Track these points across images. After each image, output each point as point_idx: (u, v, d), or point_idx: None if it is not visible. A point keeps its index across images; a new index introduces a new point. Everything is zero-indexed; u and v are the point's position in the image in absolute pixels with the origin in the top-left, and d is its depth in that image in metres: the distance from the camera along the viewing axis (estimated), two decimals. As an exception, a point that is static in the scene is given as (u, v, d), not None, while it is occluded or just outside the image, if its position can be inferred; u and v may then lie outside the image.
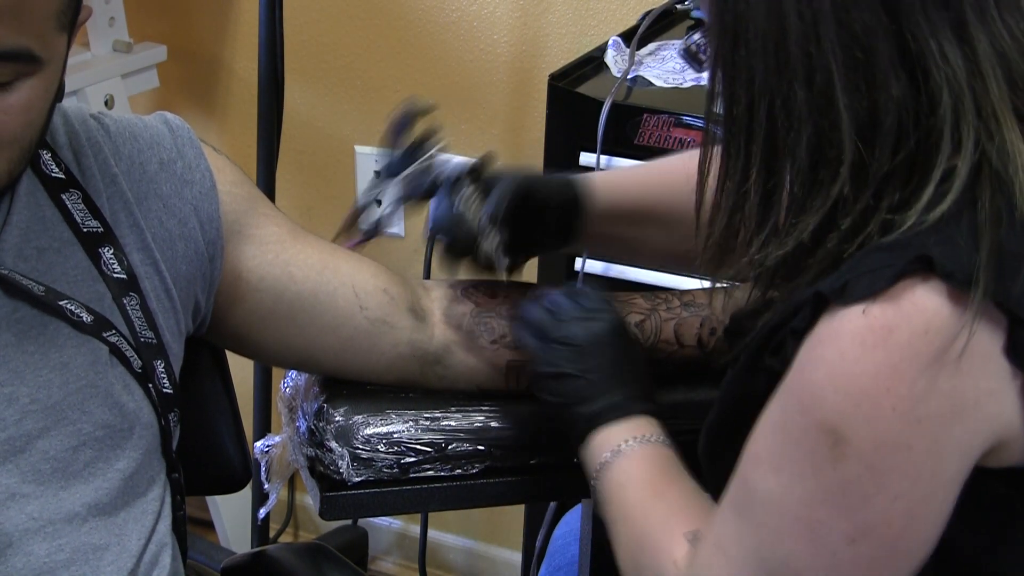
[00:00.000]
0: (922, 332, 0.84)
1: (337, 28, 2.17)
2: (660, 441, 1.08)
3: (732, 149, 0.95)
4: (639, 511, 1.04)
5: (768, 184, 0.93)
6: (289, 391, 1.26)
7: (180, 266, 1.10)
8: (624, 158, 1.59)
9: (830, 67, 0.88)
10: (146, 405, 1.07)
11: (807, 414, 0.87)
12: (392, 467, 1.17)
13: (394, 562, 2.51)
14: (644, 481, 1.05)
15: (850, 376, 0.85)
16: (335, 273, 1.18)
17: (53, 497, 1.01)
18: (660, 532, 1.01)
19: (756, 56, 0.91)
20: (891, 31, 0.88)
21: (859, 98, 0.88)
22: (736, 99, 0.93)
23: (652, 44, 1.77)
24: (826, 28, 0.88)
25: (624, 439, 1.08)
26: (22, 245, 1.02)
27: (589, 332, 1.12)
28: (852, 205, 0.89)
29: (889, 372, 0.84)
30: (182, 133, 1.13)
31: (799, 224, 0.92)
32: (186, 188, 1.11)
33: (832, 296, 0.87)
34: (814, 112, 0.89)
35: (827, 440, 0.86)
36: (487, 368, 1.22)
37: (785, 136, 0.91)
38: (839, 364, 0.85)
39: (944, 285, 0.84)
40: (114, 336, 1.04)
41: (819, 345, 0.87)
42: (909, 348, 0.84)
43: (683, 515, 1.01)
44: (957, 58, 0.88)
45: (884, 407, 0.84)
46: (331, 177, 2.28)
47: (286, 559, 1.33)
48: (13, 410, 1.00)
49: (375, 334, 1.19)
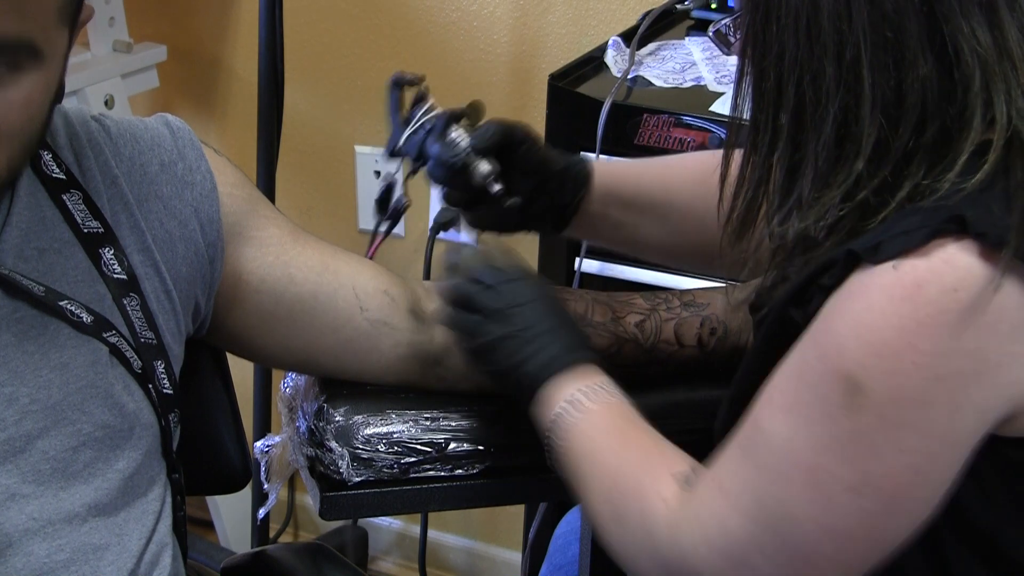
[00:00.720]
0: (951, 289, 0.85)
1: (337, 28, 2.17)
2: (611, 389, 1.07)
3: (760, 123, 0.96)
4: (611, 457, 1.03)
5: (794, 158, 0.95)
6: (289, 391, 1.26)
7: (180, 268, 1.10)
8: (624, 158, 1.59)
9: (860, 45, 0.90)
10: (146, 406, 1.07)
11: (826, 361, 0.88)
12: (392, 467, 1.17)
13: (394, 562, 2.51)
14: (609, 428, 1.05)
15: (874, 328, 0.86)
16: (335, 275, 1.18)
17: (53, 497, 1.01)
18: (641, 474, 1.01)
19: (787, 32, 0.92)
20: (922, 12, 0.89)
21: (886, 77, 0.90)
22: (766, 74, 0.94)
23: (652, 44, 1.77)
24: (858, 6, 0.90)
25: (576, 388, 1.07)
26: (23, 245, 1.02)
27: (512, 293, 1.11)
28: (869, 180, 0.91)
29: (914, 327, 0.85)
30: (183, 135, 1.13)
31: (822, 198, 0.93)
32: (187, 190, 1.11)
33: (865, 254, 0.88)
34: (842, 88, 0.91)
35: (844, 388, 0.87)
36: None
37: (813, 111, 0.92)
38: (865, 315, 0.86)
39: (976, 244, 0.85)
40: (114, 336, 1.04)
41: (847, 298, 0.88)
42: (937, 304, 0.85)
43: (662, 457, 1.01)
44: (988, 40, 0.90)
45: (905, 361, 0.85)
46: (331, 177, 2.28)
47: (286, 559, 1.33)
48: (13, 410, 1.00)
49: (375, 335, 1.19)
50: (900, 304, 0.85)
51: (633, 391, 1.09)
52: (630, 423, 1.05)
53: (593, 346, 1.14)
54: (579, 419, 1.05)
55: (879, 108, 0.90)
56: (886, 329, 0.85)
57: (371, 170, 2.22)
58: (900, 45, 0.90)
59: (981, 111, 0.90)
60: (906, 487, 0.88)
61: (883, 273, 0.86)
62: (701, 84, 1.66)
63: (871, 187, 0.91)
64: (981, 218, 0.85)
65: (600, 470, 1.03)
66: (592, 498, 1.04)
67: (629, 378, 1.11)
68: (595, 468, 1.04)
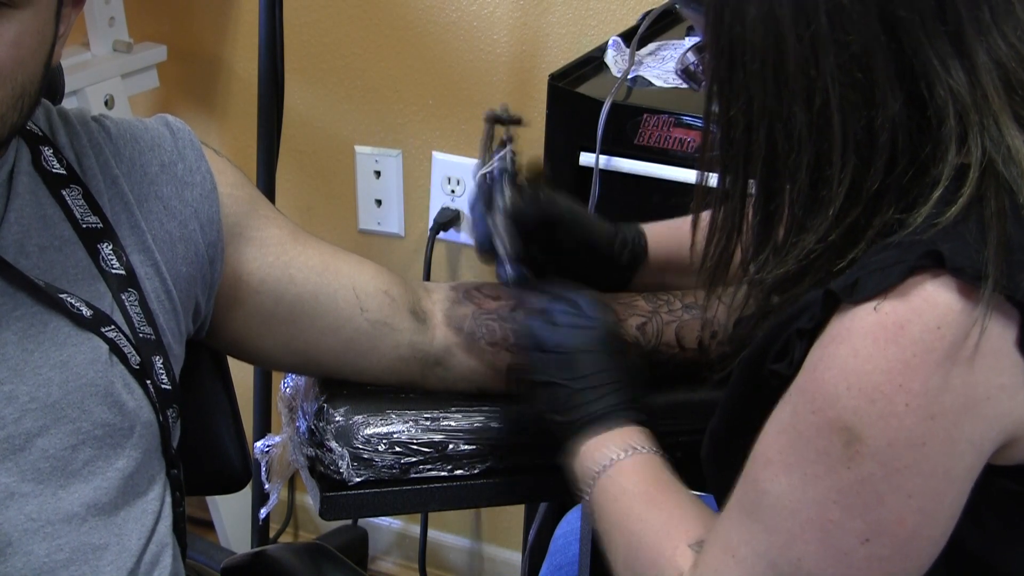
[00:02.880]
0: (934, 327, 0.84)
1: (337, 28, 2.17)
2: (650, 451, 1.07)
3: (730, 172, 0.95)
4: (635, 521, 1.03)
5: (768, 207, 0.93)
6: (289, 391, 1.26)
7: (180, 267, 1.10)
8: (624, 158, 1.59)
9: (828, 88, 0.88)
10: (145, 403, 1.07)
11: (820, 413, 0.87)
12: (392, 467, 1.17)
13: (394, 562, 2.51)
14: (637, 492, 1.05)
15: (863, 373, 0.85)
16: (336, 275, 1.18)
17: (52, 496, 1.02)
18: (660, 540, 1.01)
19: (754, 79, 0.91)
20: (890, 49, 0.88)
21: (856, 118, 0.89)
22: (734, 122, 0.93)
23: (652, 44, 1.77)
24: (825, 50, 0.88)
25: (614, 451, 1.07)
26: (23, 241, 1.02)
27: (578, 340, 1.11)
28: (841, 221, 0.90)
29: (902, 368, 0.84)
30: (183, 135, 1.13)
31: (799, 243, 0.92)
32: (187, 190, 1.11)
33: (843, 294, 0.87)
34: (814, 134, 0.89)
35: (841, 439, 0.86)
36: (488, 370, 1.22)
37: (785, 159, 0.91)
38: (852, 362, 0.86)
39: (954, 280, 0.84)
40: (113, 332, 1.05)
41: (831, 343, 0.87)
42: (921, 344, 0.84)
43: (683, 523, 1.01)
44: (958, 70, 0.88)
45: (898, 404, 0.84)
46: (331, 177, 2.28)
47: (286, 559, 1.33)
48: (12, 408, 1.00)
49: (376, 336, 1.19)
50: (886, 347, 0.84)
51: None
52: (657, 484, 1.05)
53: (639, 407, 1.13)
54: (612, 479, 1.06)
55: (852, 149, 0.89)
56: (875, 373, 0.85)
57: (371, 170, 2.22)
58: (870, 84, 0.88)
59: (956, 144, 0.88)
60: (915, 528, 0.88)
61: (865, 316, 0.85)
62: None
63: (843, 227, 0.90)
64: (958, 252, 0.84)
65: (623, 537, 1.03)
66: (616, 560, 1.04)
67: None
68: (620, 533, 1.04)
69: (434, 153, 2.16)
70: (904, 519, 0.87)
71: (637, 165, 1.59)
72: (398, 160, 2.20)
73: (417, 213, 2.22)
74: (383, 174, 2.21)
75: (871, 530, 0.87)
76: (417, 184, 2.21)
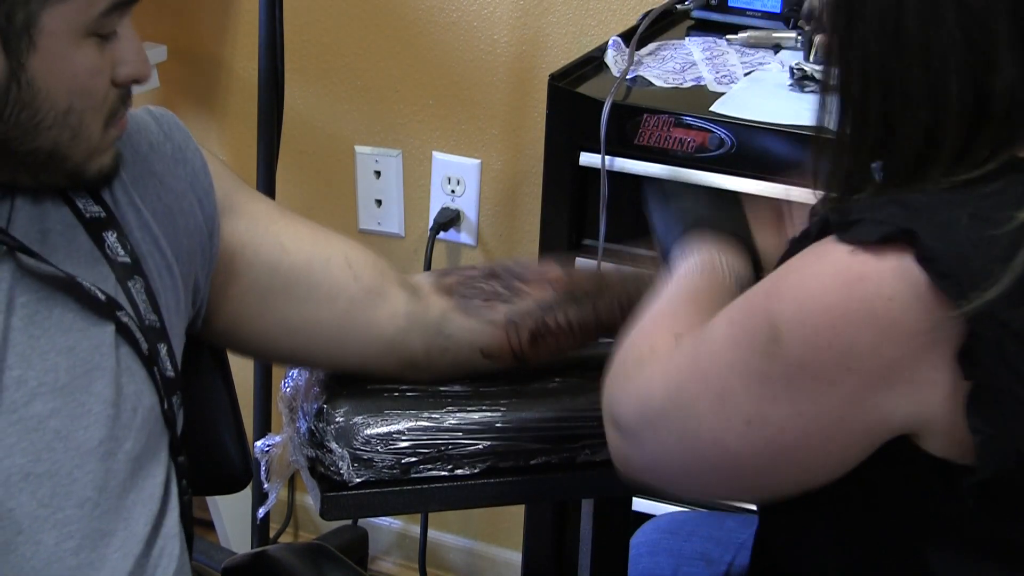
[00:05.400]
0: (887, 297, 0.86)
1: (337, 28, 2.17)
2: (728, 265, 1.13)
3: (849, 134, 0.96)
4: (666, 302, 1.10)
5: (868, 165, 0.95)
6: (290, 391, 1.26)
7: (181, 240, 1.11)
8: (624, 158, 1.59)
9: (947, 48, 0.88)
10: (150, 388, 1.08)
11: (767, 300, 0.92)
12: (392, 467, 1.18)
13: (394, 562, 2.51)
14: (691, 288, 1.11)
15: (811, 296, 0.89)
16: (327, 244, 1.21)
17: (67, 477, 1.02)
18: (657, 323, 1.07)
19: (872, 37, 0.91)
20: (1012, 9, 0.88)
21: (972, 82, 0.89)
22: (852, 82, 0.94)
23: (652, 44, 1.77)
24: (946, 7, 0.88)
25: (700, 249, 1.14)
26: (27, 227, 1.03)
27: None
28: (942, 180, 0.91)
29: (842, 314, 0.87)
30: (167, 119, 1.15)
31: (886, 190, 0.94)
32: (179, 167, 1.12)
33: (837, 229, 0.89)
34: (931, 97, 0.90)
35: (768, 332, 0.90)
36: (488, 327, 1.22)
37: (900, 117, 0.92)
38: (808, 280, 0.89)
39: (924, 272, 0.85)
40: (124, 316, 1.05)
41: (809, 254, 0.91)
42: (868, 304, 0.86)
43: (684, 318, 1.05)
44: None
45: (823, 339, 0.87)
46: (331, 177, 2.28)
47: (286, 559, 1.33)
48: (22, 392, 1.00)
49: (371, 306, 1.19)
50: (840, 288, 0.87)
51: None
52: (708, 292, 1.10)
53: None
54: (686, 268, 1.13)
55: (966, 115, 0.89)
56: (819, 302, 0.88)
57: (371, 170, 2.22)
58: (988, 46, 0.88)
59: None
60: (792, 442, 0.91)
61: (842, 252, 0.88)
62: (701, 84, 1.66)
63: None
64: (938, 238, 0.85)
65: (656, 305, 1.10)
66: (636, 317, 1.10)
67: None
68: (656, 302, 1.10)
69: (434, 153, 2.16)
70: (785, 429, 0.91)
71: (637, 165, 1.59)
72: (398, 160, 2.20)
73: (417, 213, 2.22)
74: (383, 174, 2.21)
75: (755, 416, 0.91)
76: (417, 184, 2.21)
